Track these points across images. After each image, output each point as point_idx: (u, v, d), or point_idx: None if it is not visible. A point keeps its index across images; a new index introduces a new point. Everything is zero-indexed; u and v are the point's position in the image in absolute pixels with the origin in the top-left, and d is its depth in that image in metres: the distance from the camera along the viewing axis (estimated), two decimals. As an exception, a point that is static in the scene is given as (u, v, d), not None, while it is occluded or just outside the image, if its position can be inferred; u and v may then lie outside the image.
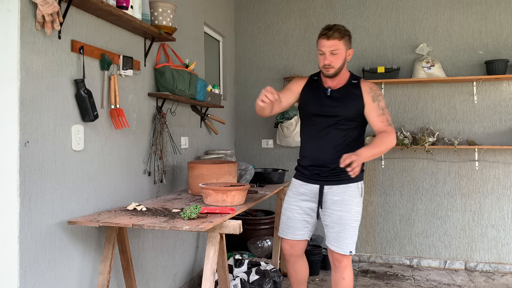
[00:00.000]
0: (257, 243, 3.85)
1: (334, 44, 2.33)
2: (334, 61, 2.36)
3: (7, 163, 1.75)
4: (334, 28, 2.35)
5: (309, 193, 2.49)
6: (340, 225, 2.41)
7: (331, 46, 2.34)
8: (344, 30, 2.37)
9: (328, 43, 2.34)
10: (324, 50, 2.36)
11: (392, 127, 2.37)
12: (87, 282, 2.18)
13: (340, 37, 2.34)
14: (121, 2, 2.29)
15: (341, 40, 2.34)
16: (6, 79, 1.75)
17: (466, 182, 4.04)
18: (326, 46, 2.35)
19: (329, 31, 2.34)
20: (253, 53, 4.57)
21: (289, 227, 2.53)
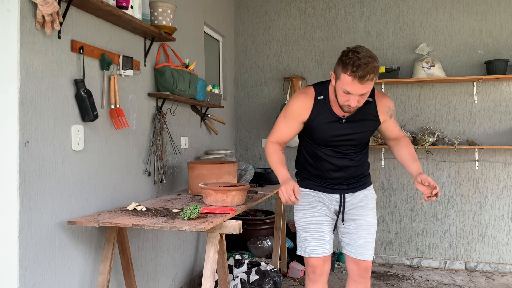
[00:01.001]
0: (257, 243, 3.84)
1: (367, 87, 1.90)
2: (362, 101, 1.98)
3: (7, 163, 1.75)
4: (369, 66, 1.84)
5: (329, 201, 2.24)
6: (367, 230, 2.21)
7: (363, 90, 1.90)
8: (377, 66, 1.90)
9: (361, 86, 1.89)
10: (353, 93, 1.91)
11: (404, 133, 2.31)
12: (87, 282, 2.17)
13: (375, 78, 1.90)
14: (121, 2, 2.29)
15: (375, 79, 1.91)
16: (6, 79, 1.75)
17: (466, 182, 4.04)
18: (357, 89, 1.90)
19: (363, 72, 1.84)
20: (253, 53, 4.57)
21: (320, 242, 2.20)
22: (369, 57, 1.85)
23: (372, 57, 1.87)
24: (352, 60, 1.85)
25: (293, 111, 2.13)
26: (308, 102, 2.11)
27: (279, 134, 2.18)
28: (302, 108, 2.11)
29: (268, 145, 2.18)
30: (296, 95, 2.16)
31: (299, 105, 2.12)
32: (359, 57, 1.84)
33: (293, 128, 2.16)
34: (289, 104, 2.15)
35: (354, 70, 1.84)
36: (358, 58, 1.84)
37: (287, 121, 2.16)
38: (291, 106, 2.14)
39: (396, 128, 2.25)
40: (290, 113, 2.15)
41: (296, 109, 2.12)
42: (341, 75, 1.90)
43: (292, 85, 4.36)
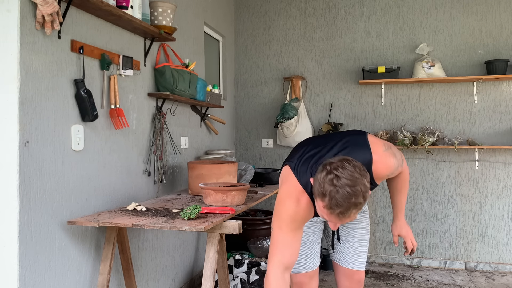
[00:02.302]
0: (257, 243, 3.84)
1: (349, 219, 1.51)
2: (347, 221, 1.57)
3: (7, 163, 1.75)
4: (348, 203, 1.45)
5: None
6: (361, 238, 2.07)
7: (344, 221, 1.52)
8: (364, 201, 1.49)
9: (340, 221, 1.52)
10: (333, 222, 1.56)
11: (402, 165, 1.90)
12: (87, 282, 2.17)
13: (359, 210, 1.50)
14: (121, 2, 2.29)
15: (359, 210, 1.51)
16: (6, 79, 1.75)
17: (466, 182, 4.03)
18: (335, 222, 1.55)
19: (339, 209, 1.46)
20: (253, 53, 4.57)
21: (308, 255, 2.05)
22: (350, 189, 1.44)
23: (354, 187, 1.44)
24: (329, 192, 1.45)
25: (293, 218, 1.66)
26: (305, 204, 1.70)
27: (284, 252, 1.64)
28: (301, 212, 1.68)
29: (270, 280, 1.62)
30: (284, 198, 1.68)
31: (297, 210, 1.67)
32: (337, 190, 1.44)
33: (298, 236, 1.68)
34: (283, 212, 1.66)
35: (330, 206, 1.46)
36: (336, 191, 1.44)
37: (289, 231, 1.65)
38: (288, 214, 1.66)
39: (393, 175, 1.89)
40: (291, 221, 1.65)
41: (297, 215, 1.66)
42: (317, 200, 1.51)
43: (292, 85, 4.36)
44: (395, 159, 1.81)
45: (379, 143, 1.80)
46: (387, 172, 1.79)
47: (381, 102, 4.21)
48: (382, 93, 4.20)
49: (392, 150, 1.82)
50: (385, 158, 1.76)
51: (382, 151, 1.77)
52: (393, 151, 1.83)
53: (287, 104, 4.20)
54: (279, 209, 1.68)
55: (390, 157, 1.78)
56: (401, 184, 2.03)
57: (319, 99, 4.38)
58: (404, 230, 2.09)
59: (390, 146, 1.84)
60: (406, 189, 2.07)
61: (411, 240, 2.06)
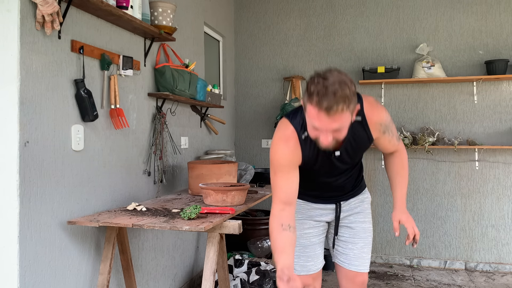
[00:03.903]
0: (257, 243, 3.84)
1: (339, 119, 1.50)
2: (338, 137, 1.58)
3: (7, 163, 1.75)
4: (337, 94, 1.46)
5: (323, 210, 2.04)
6: (364, 239, 2.02)
7: (334, 123, 1.51)
8: (349, 92, 1.49)
9: (328, 120, 1.49)
10: (321, 128, 1.53)
11: (400, 142, 1.95)
12: (87, 282, 2.17)
13: (347, 107, 1.49)
14: (121, 2, 2.29)
15: (348, 110, 1.50)
16: (6, 79, 1.75)
17: (466, 182, 4.03)
18: (324, 124, 1.51)
19: (327, 100, 1.46)
20: (253, 53, 4.57)
21: (310, 258, 2.02)
22: (338, 84, 1.47)
23: (343, 83, 1.48)
24: (317, 88, 1.48)
25: (281, 162, 1.74)
26: (292, 144, 1.74)
27: (280, 193, 1.75)
28: (289, 154, 1.73)
29: (272, 220, 1.74)
30: (275, 142, 1.76)
31: (285, 153, 1.73)
32: (326, 85, 1.47)
33: (294, 178, 1.76)
34: (273, 157, 1.75)
35: (318, 100, 1.47)
36: (324, 86, 1.47)
37: (282, 175, 1.74)
38: (276, 158, 1.74)
39: (391, 144, 1.90)
40: (279, 165, 1.74)
41: (284, 159, 1.73)
42: (307, 106, 1.54)
43: (292, 85, 4.36)
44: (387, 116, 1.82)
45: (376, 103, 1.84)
46: (379, 119, 1.78)
47: (381, 102, 4.21)
48: (382, 93, 4.20)
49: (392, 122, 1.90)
50: (375, 105, 1.80)
51: (373, 100, 1.81)
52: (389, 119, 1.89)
53: (287, 104, 4.20)
54: (271, 156, 1.76)
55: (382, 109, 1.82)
56: (399, 166, 1.96)
57: (319, 99, 4.37)
58: (404, 216, 1.93)
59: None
60: (405, 173, 1.96)
61: (412, 228, 1.89)
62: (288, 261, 1.61)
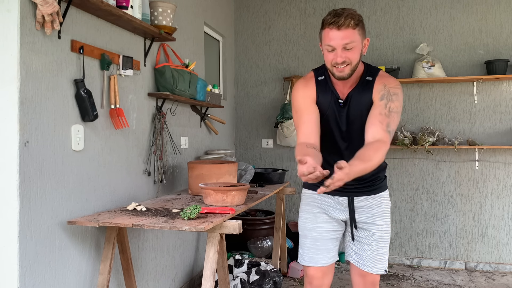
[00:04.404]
0: (257, 243, 3.84)
1: (348, 35, 1.74)
2: (349, 57, 1.77)
3: (7, 163, 1.75)
4: (345, 13, 1.74)
5: (337, 204, 2.03)
6: (380, 242, 2.00)
7: (345, 38, 1.74)
8: (357, 15, 1.78)
9: (340, 34, 1.74)
10: (334, 45, 1.76)
11: (389, 136, 1.79)
12: (87, 282, 2.17)
13: (355, 25, 1.75)
14: (121, 2, 2.29)
15: (356, 29, 1.76)
16: (6, 79, 1.75)
17: (466, 182, 4.03)
18: (337, 39, 1.74)
19: (338, 18, 1.73)
20: (253, 53, 4.57)
21: (320, 251, 2.02)
22: (350, 9, 1.78)
23: (354, 11, 1.79)
24: (330, 15, 1.78)
25: (299, 98, 1.92)
26: (310, 84, 1.94)
27: (303, 131, 1.86)
28: (306, 89, 1.93)
29: (297, 147, 1.80)
30: (296, 84, 1.98)
31: (302, 89, 1.93)
32: (337, 11, 1.78)
33: (312, 114, 1.88)
34: (294, 96, 1.95)
35: (330, 18, 1.76)
36: (335, 11, 1.78)
37: (301, 113, 1.89)
38: (296, 96, 1.93)
39: (380, 118, 1.78)
40: (299, 103, 1.91)
41: (302, 95, 1.92)
42: (322, 33, 1.80)
43: (292, 85, 4.36)
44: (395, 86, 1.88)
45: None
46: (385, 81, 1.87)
47: (381, 102, 4.21)
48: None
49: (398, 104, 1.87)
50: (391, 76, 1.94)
51: (392, 77, 1.94)
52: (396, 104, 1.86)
53: (287, 104, 4.20)
54: (293, 95, 1.96)
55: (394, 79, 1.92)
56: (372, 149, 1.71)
57: (319, 99, 4.38)
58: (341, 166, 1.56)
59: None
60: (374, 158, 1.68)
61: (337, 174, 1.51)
62: (305, 151, 1.70)
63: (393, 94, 1.84)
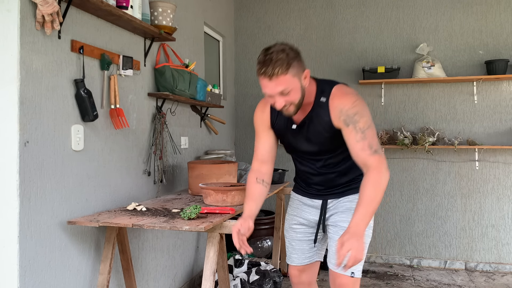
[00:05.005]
0: (257, 243, 3.84)
1: (281, 82, 1.65)
2: (289, 100, 1.70)
3: (7, 163, 1.75)
4: (273, 59, 1.63)
5: (311, 208, 2.06)
6: None
7: (278, 86, 1.66)
8: (286, 57, 1.64)
9: (272, 84, 1.65)
10: (270, 93, 1.69)
11: (378, 156, 1.67)
12: (87, 282, 2.17)
13: (286, 70, 1.64)
14: (121, 2, 2.29)
15: (288, 73, 1.64)
16: (6, 79, 1.75)
17: (466, 182, 4.03)
18: (270, 88, 1.67)
19: (266, 67, 1.63)
20: (253, 53, 4.57)
21: (295, 250, 2.09)
22: (276, 52, 1.64)
23: (281, 50, 1.65)
24: (259, 59, 1.68)
25: (256, 124, 2.00)
26: (266, 109, 1.96)
27: (257, 152, 2.01)
28: (262, 114, 1.97)
29: (249, 174, 1.99)
30: (257, 107, 2.03)
31: (259, 114, 1.99)
32: (265, 55, 1.66)
33: (266, 139, 1.98)
34: (254, 118, 2.03)
35: (259, 67, 1.67)
36: (264, 56, 1.66)
37: (258, 136, 2.00)
38: (255, 119, 2.01)
39: (358, 145, 1.70)
40: (256, 127, 2.01)
41: (258, 119, 1.98)
42: (258, 78, 1.72)
43: (292, 85, 4.36)
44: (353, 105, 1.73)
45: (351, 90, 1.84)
46: (340, 104, 1.75)
47: (381, 102, 4.21)
48: (382, 93, 4.20)
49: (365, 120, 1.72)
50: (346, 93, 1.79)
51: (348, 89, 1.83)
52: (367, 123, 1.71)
53: (287, 104, 4.19)
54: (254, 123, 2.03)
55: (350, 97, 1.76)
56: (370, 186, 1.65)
57: (319, 99, 4.37)
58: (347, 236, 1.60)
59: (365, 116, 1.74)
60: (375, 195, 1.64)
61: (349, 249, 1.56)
62: (253, 211, 1.87)
63: (354, 114, 1.72)
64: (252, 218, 1.85)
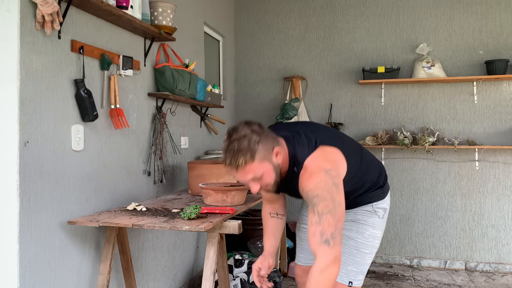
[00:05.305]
0: (257, 243, 3.84)
1: (249, 171, 1.58)
2: (264, 183, 1.63)
3: (7, 163, 1.75)
4: (235, 150, 1.54)
5: None
6: (344, 247, 1.92)
7: (248, 175, 1.59)
8: (249, 144, 1.54)
9: (241, 174, 1.59)
10: (242, 181, 1.64)
11: (326, 248, 1.52)
12: (87, 282, 2.17)
13: (251, 159, 1.55)
14: (121, 2, 2.29)
15: (254, 161, 1.55)
16: (6, 79, 1.75)
17: (466, 182, 4.03)
18: (239, 176, 1.61)
19: (230, 160, 1.56)
20: (253, 53, 4.57)
21: (302, 250, 2.12)
22: (237, 140, 1.54)
23: (243, 137, 1.54)
24: (223, 147, 1.60)
25: None
26: None
27: (263, 194, 2.03)
28: None
29: (263, 209, 2.05)
30: None
31: None
32: (227, 144, 1.57)
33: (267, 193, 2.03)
34: None
35: (224, 159, 1.59)
36: (226, 145, 1.57)
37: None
38: None
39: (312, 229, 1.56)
40: None
41: None
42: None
43: (292, 85, 4.36)
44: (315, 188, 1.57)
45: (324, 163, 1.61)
46: (302, 184, 1.62)
47: (381, 102, 4.21)
48: (382, 93, 4.20)
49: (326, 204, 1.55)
50: (316, 169, 1.60)
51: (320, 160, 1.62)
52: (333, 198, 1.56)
53: (287, 104, 4.20)
54: None
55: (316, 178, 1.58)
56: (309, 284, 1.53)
57: (319, 99, 4.38)
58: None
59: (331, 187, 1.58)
60: None
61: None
62: (273, 246, 1.95)
63: (313, 197, 1.58)
64: (273, 255, 1.93)
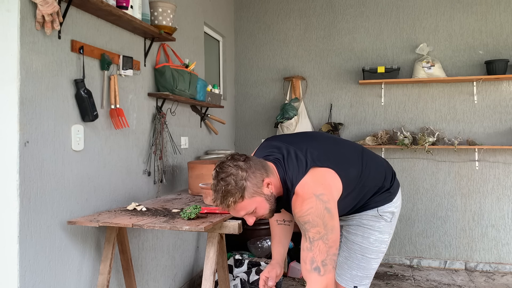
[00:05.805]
0: (257, 243, 3.84)
1: (241, 208, 1.57)
2: (258, 215, 1.63)
3: (7, 163, 1.75)
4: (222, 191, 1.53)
5: None
6: (351, 251, 1.91)
7: (241, 212, 1.58)
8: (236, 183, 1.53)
9: (233, 211, 1.59)
10: (236, 216, 1.64)
11: (316, 276, 1.52)
12: (87, 282, 2.17)
13: (240, 198, 1.54)
14: (121, 2, 2.29)
15: (244, 199, 1.54)
16: (6, 79, 1.75)
17: (466, 182, 4.03)
18: (233, 213, 1.61)
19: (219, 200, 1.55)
20: (253, 53, 4.57)
21: None
22: (226, 179, 1.53)
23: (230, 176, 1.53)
24: (212, 185, 1.59)
25: None
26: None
27: None
28: None
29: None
30: None
31: None
32: (215, 184, 1.56)
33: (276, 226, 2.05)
34: None
35: (214, 199, 1.58)
36: (214, 185, 1.56)
37: None
38: None
39: (303, 255, 1.56)
40: None
41: None
42: None
43: (292, 85, 4.36)
44: (307, 214, 1.54)
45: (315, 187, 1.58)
46: (294, 209, 1.60)
47: (381, 102, 4.21)
48: (382, 93, 4.20)
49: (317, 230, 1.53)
50: (307, 195, 1.57)
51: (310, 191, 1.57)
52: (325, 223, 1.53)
53: (287, 104, 4.20)
54: None
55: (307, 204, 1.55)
56: None
57: (319, 99, 4.38)
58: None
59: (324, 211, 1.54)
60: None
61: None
62: (281, 254, 1.95)
63: (304, 223, 1.56)
64: (281, 264, 1.93)
